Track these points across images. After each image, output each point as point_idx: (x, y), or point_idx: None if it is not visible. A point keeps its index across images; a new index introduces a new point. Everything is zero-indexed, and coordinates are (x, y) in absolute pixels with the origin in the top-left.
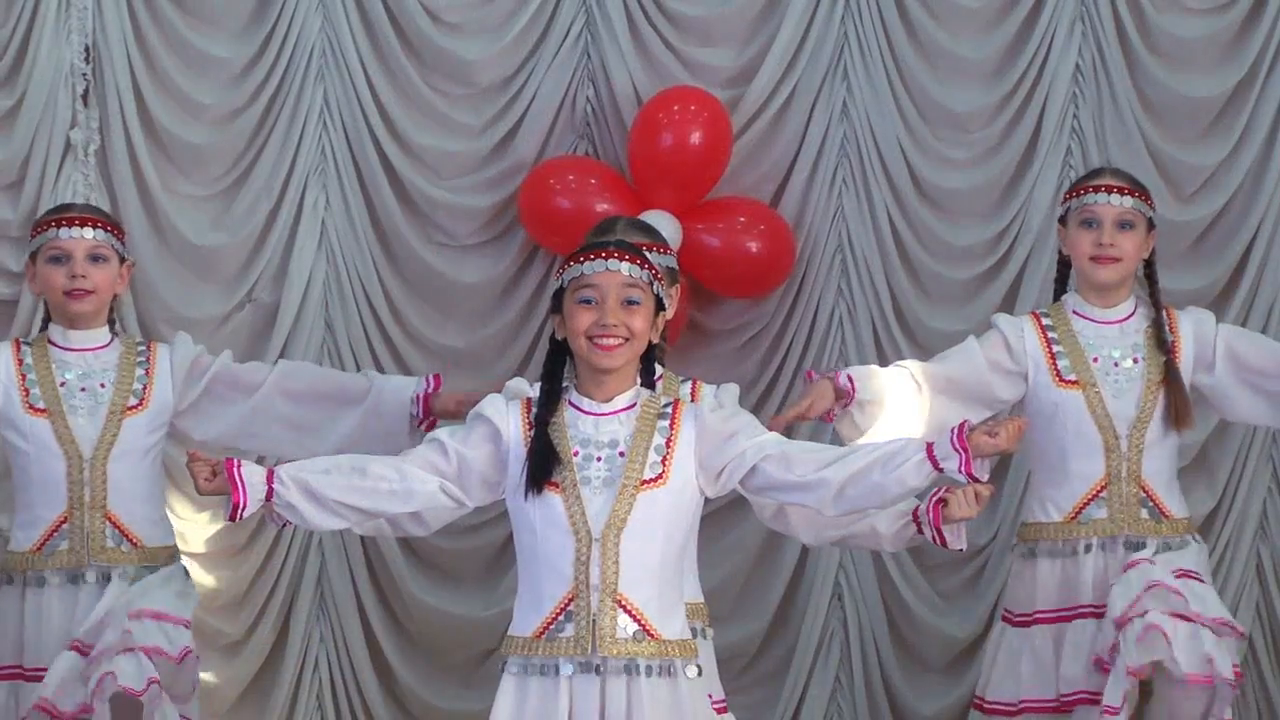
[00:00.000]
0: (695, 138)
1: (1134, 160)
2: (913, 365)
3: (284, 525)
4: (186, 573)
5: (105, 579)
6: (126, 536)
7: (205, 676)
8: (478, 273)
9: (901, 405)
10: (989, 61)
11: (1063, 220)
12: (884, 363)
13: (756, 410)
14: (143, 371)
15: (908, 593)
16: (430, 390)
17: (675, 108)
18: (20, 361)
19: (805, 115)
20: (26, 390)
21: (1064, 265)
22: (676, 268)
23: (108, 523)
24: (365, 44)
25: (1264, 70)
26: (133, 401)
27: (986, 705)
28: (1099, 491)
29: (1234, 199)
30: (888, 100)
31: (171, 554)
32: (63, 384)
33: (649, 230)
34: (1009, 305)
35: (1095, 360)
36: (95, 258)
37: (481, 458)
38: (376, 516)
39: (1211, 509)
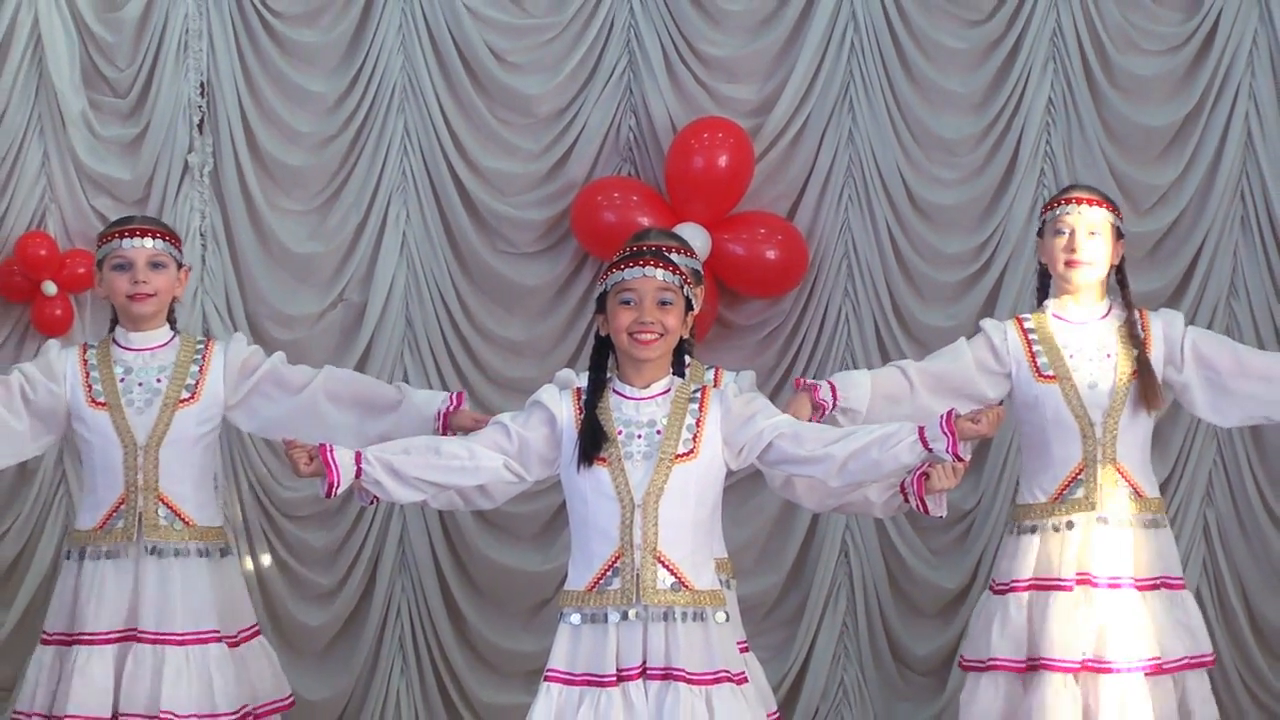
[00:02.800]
0: (722, 160)
1: (1098, 180)
2: (907, 364)
3: (371, 503)
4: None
5: (156, 553)
6: (179, 515)
7: (304, 620)
8: (536, 276)
9: (887, 405)
10: (974, 95)
11: (1040, 234)
12: (883, 353)
13: (774, 394)
14: (197, 368)
15: (904, 550)
16: (451, 408)
17: (705, 135)
18: (85, 362)
19: (817, 141)
20: (89, 386)
21: (1043, 276)
22: (701, 270)
23: (160, 503)
24: (440, 80)
25: (1210, 103)
26: (185, 395)
27: (962, 661)
28: (1078, 474)
29: (1184, 213)
30: (887, 128)
31: (219, 535)
32: (121, 380)
33: (677, 238)
34: (991, 303)
35: (1071, 356)
36: (155, 264)
37: (539, 439)
38: (449, 489)
39: (1165, 478)
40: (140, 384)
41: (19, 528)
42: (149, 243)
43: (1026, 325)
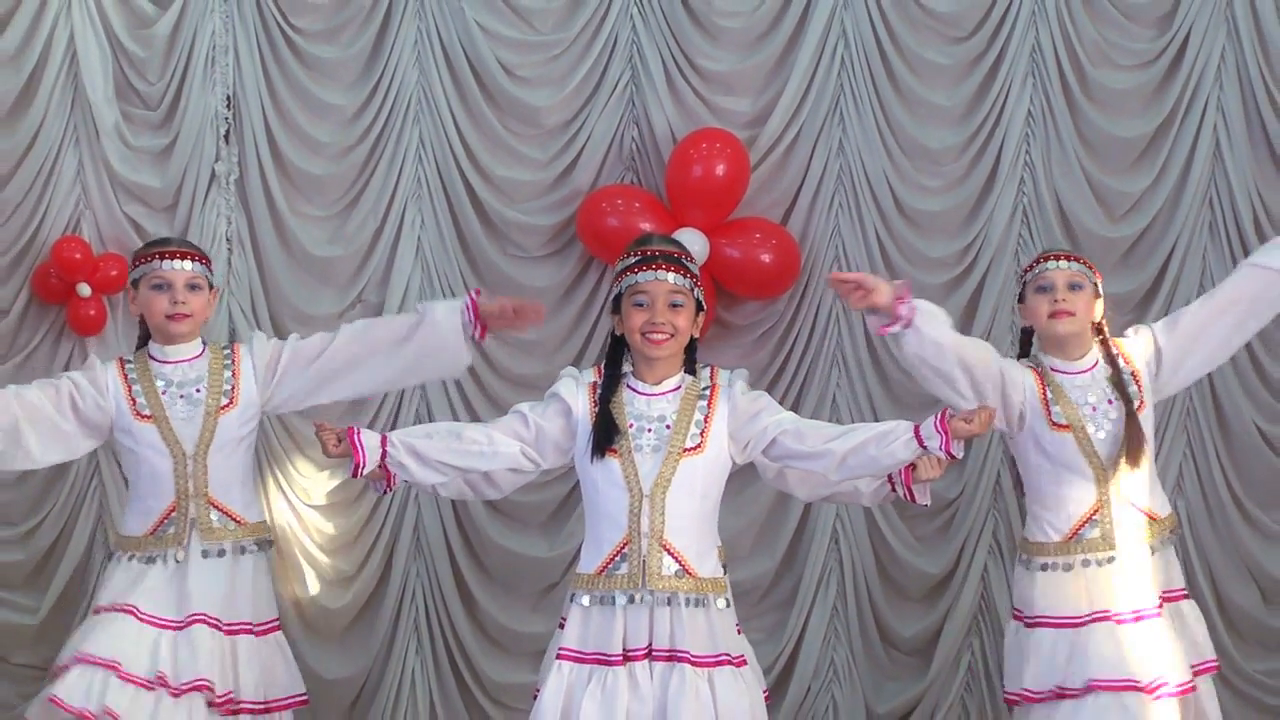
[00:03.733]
0: (720, 169)
1: (1075, 187)
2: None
3: (384, 492)
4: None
5: (206, 555)
6: (230, 516)
7: (324, 603)
8: (544, 278)
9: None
10: (957, 108)
11: (1021, 298)
12: (872, 352)
13: (769, 389)
14: (230, 374)
15: (892, 538)
16: (475, 306)
17: (703, 145)
18: (125, 376)
19: (809, 151)
20: (133, 400)
21: (1026, 336)
22: (698, 274)
23: (211, 507)
24: (453, 93)
25: (1180, 115)
26: (224, 401)
27: (1008, 695)
28: (1093, 515)
29: (1156, 219)
30: (875, 139)
31: (265, 529)
32: (164, 392)
33: (677, 244)
34: (974, 305)
35: (1079, 406)
36: (192, 286)
37: (555, 428)
38: (470, 472)
39: None
40: (182, 395)
41: (54, 517)
42: (188, 265)
43: (1041, 373)
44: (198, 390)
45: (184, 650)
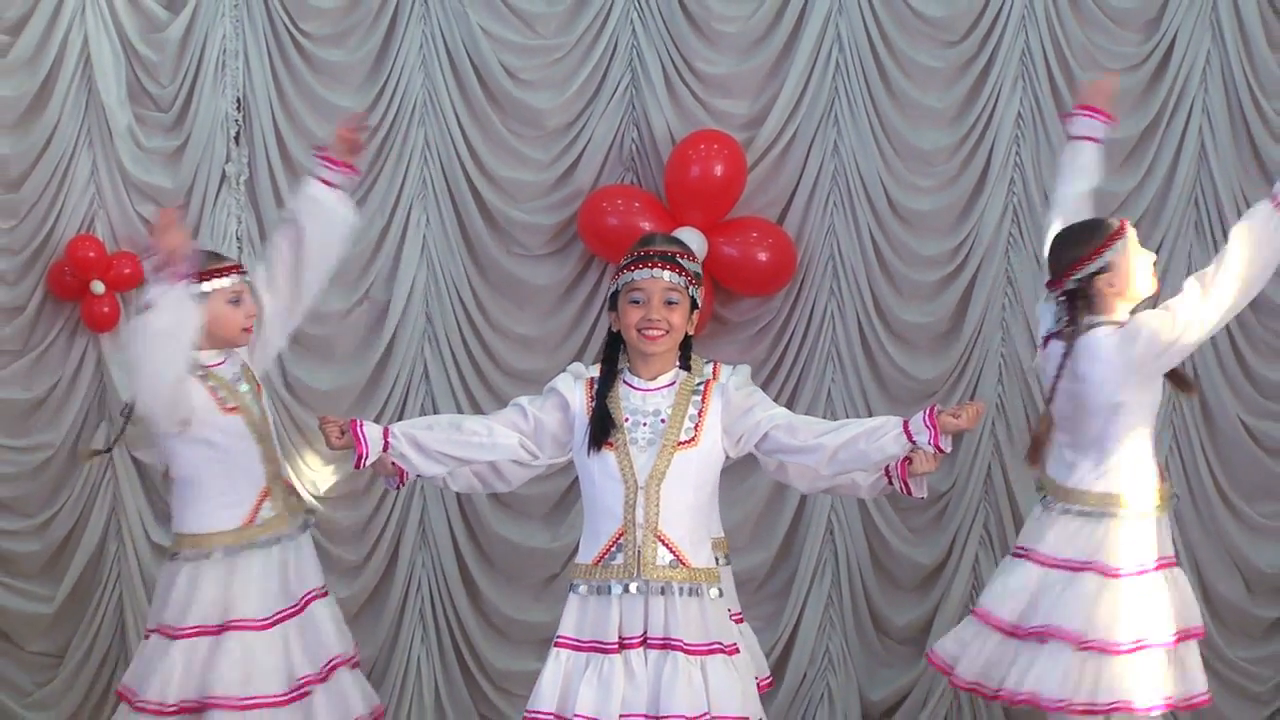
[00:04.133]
0: (717, 170)
1: None
2: None
3: (397, 488)
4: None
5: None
6: (295, 494)
7: (333, 592)
8: (546, 276)
9: None
10: (949, 110)
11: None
12: (866, 347)
13: (766, 384)
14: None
15: (885, 529)
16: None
17: (702, 146)
18: (204, 379)
19: (804, 152)
20: (218, 396)
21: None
22: (701, 272)
23: (288, 491)
24: (457, 96)
25: (1166, 117)
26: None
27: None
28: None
29: (1143, 218)
30: (869, 140)
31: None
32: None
33: (680, 243)
34: (965, 301)
35: None
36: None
37: (553, 422)
38: (469, 463)
39: None
40: (245, 390)
41: (69, 509)
42: (245, 279)
43: None
44: (244, 386)
45: (310, 634)
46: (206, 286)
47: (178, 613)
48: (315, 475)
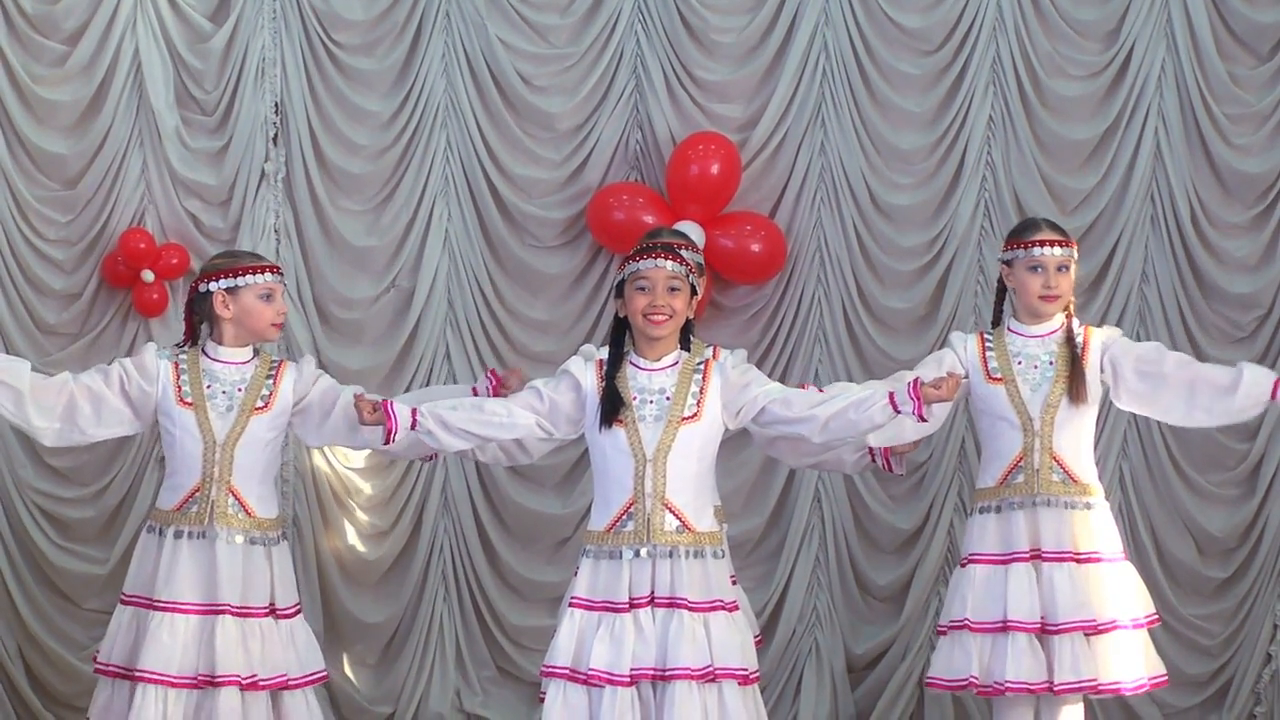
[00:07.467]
0: (715, 168)
1: (1031, 185)
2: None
3: (429, 460)
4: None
5: (225, 538)
6: (243, 506)
7: (363, 554)
8: (557, 266)
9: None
10: (926, 113)
11: (1009, 263)
12: (850, 331)
13: (760, 364)
14: (271, 382)
15: (868, 496)
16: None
17: (700, 146)
18: (176, 366)
19: (794, 152)
20: (179, 387)
21: (1000, 291)
22: (702, 262)
23: (230, 495)
24: (477, 100)
25: (1125, 120)
26: (259, 404)
27: (938, 627)
28: (1018, 463)
29: (1103, 213)
30: (853, 141)
31: (276, 525)
32: (208, 386)
33: (685, 236)
34: (941, 289)
35: (1019, 362)
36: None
37: (567, 402)
38: (490, 440)
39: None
40: (224, 391)
41: (121, 478)
42: (281, 279)
43: (986, 338)
44: (239, 390)
45: (218, 640)
46: (241, 281)
47: (130, 579)
48: (348, 449)
